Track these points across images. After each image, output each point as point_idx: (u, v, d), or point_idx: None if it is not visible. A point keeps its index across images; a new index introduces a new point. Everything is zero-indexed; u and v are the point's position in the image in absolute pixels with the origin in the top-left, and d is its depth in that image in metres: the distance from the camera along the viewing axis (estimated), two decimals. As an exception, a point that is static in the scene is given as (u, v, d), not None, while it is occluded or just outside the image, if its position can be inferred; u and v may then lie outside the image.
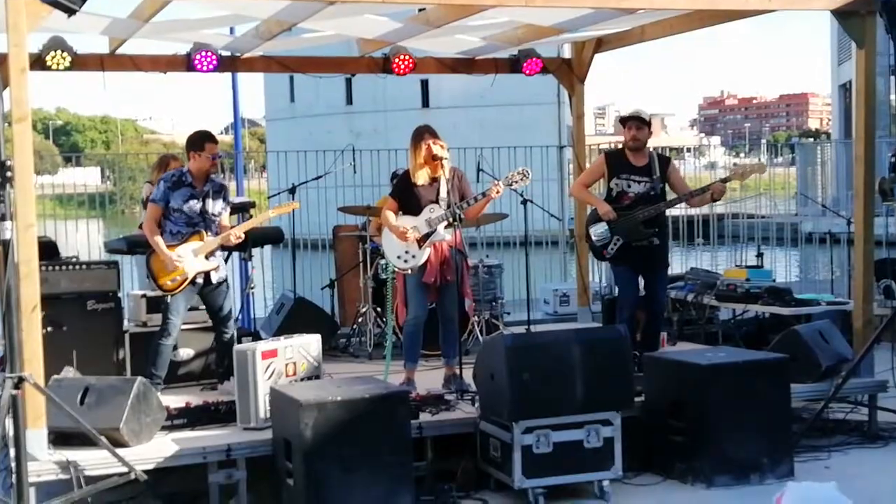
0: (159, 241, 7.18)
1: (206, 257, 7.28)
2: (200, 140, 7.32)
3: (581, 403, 5.98)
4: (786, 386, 6.43)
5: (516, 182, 7.26)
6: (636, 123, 7.75)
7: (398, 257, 7.28)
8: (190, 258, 7.21)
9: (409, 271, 7.25)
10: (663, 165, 7.81)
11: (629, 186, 7.72)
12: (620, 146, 8.00)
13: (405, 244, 7.21)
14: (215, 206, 7.34)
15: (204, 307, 7.54)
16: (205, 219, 7.29)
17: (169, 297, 7.24)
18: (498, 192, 7.18)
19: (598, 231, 7.75)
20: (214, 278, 7.35)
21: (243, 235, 7.41)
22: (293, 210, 8.11)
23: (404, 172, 7.45)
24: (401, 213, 7.32)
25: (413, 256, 7.22)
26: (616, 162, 7.80)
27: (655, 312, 7.86)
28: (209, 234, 7.30)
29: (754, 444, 6.22)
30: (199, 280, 7.29)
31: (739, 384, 6.24)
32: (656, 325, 7.91)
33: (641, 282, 7.90)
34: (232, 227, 7.42)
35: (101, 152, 69.57)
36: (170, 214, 7.23)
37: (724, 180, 7.94)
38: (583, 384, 5.98)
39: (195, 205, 7.24)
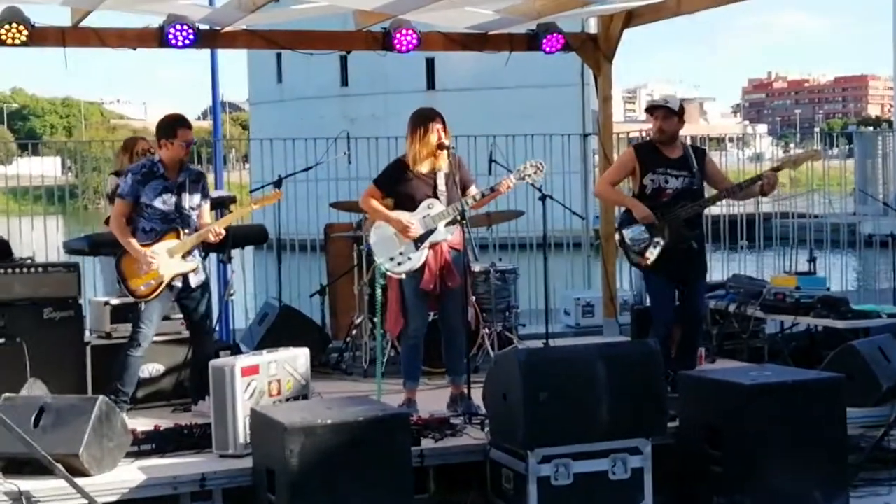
0: (131, 241, 7.17)
1: (184, 257, 7.27)
2: (172, 125, 7.31)
3: (606, 429, 5.96)
4: (841, 410, 6.38)
5: (529, 176, 7.25)
6: (663, 112, 7.70)
7: (391, 259, 7.24)
8: (165, 259, 7.20)
9: (403, 275, 7.22)
10: (699, 157, 7.79)
11: (667, 182, 7.66)
12: (651, 139, 7.98)
13: (400, 244, 7.18)
14: (192, 199, 7.33)
15: (178, 316, 7.54)
16: (181, 214, 7.28)
17: (142, 303, 7.23)
18: (508, 188, 7.17)
19: (635, 234, 7.67)
20: (193, 282, 7.35)
21: (224, 232, 7.38)
22: (278, 202, 8.11)
23: (397, 160, 7.41)
24: (392, 208, 7.29)
25: (409, 259, 7.20)
26: (649, 155, 7.74)
27: (693, 325, 7.83)
28: (187, 231, 7.29)
29: (804, 477, 6.18)
30: (177, 284, 7.28)
31: (787, 407, 6.20)
32: (694, 339, 7.88)
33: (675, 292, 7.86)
34: (206, 227, 7.40)
35: (62, 139, 69.72)
36: (141, 211, 7.22)
37: (776, 169, 7.88)
38: (608, 407, 5.96)
39: (169, 198, 7.23)
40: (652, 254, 7.58)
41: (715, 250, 14.09)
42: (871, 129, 50.28)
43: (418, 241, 7.17)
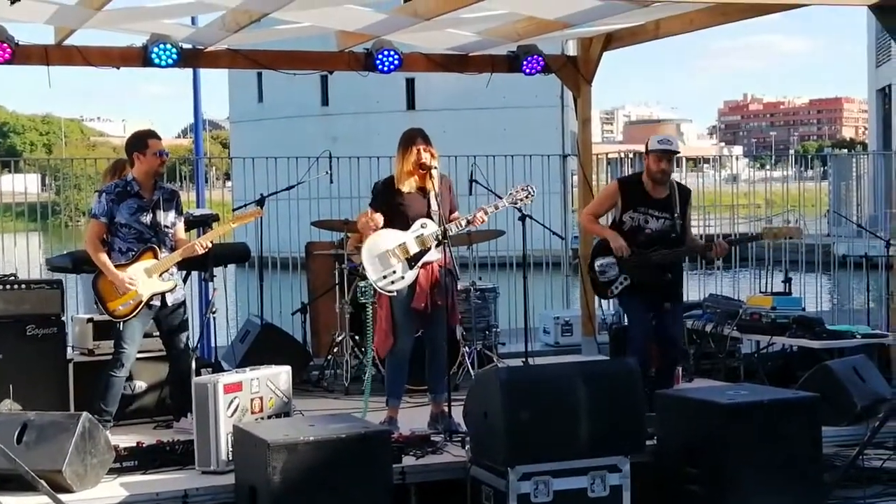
0: (106, 262, 7.15)
1: (161, 276, 7.26)
2: (142, 138, 7.29)
3: (585, 447, 5.99)
4: (816, 429, 6.43)
5: (521, 201, 7.37)
6: (670, 156, 7.69)
7: (383, 277, 7.22)
8: (143, 279, 7.19)
9: (396, 294, 7.24)
10: (683, 200, 7.80)
11: (647, 222, 7.71)
12: (638, 173, 8.02)
13: (396, 262, 7.19)
14: (167, 217, 7.32)
15: (157, 333, 7.53)
16: (157, 232, 7.27)
17: (121, 323, 7.21)
18: (482, 221, 7.25)
19: (605, 264, 7.76)
20: (170, 300, 7.34)
21: (211, 245, 7.40)
22: (258, 219, 8.09)
23: (386, 179, 7.45)
24: (382, 227, 7.27)
25: (402, 277, 7.20)
26: (632, 191, 7.75)
27: (670, 348, 7.89)
28: (163, 249, 7.28)
29: (780, 495, 6.21)
30: (155, 302, 7.27)
31: (764, 426, 6.24)
32: (672, 358, 7.94)
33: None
34: (192, 241, 7.40)
35: (43, 156, 69.48)
36: (117, 230, 7.20)
37: (753, 237, 7.99)
38: (587, 425, 5.99)
39: (145, 217, 7.21)
40: (616, 288, 7.73)
41: (692, 270, 14.16)
42: (845, 151, 50.57)
43: (412, 261, 7.18)
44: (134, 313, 7.19)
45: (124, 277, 7.10)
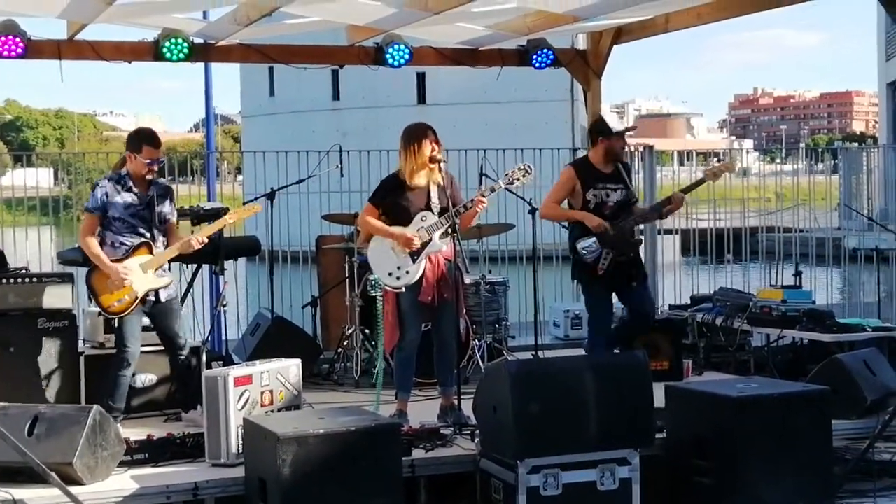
0: (101, 255, 7.07)
1: (156, 272, 7.20)
2: (138, 140, 7.18)
3: (595, 440, 5.98)
4: (826, 422, 6.41)
5: (518, 180, 7.29)
6: (625, 137, 8.19)
7: (389, 274, 7.22)
8: (138, 274, 7.12)
9: (403, 289, 7.23)
10: (627, 171, 8.20)
11: (608, 196, 7.99)
12: (585, 156, 8.34)
13: (397, 258, 7.18)
14: (161, 213, 7.27)
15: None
16: (151, 227, 7.21)
17: (117, 321, 7.15)
18: (482, 203, 7.15)
19: (588, 246, 7.91)
20: (163, 296, 7.26)
21: (207, 241, 7.34)
22: (268, 213, 8.08)
23: (391, 175, 7.42)
24: (386, 223, 7.26)
25: (407, 272, 7.19)
26: (587, 171, 8.06)
27: (646, 321, 8.25)
28: (157, 244, 7.23)
29: (790, 488, 6.19)
30: (150, 298, 7.21)
31: (774, 419, 6.22)
32: (645, 328, 8.31)
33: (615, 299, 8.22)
34: (188, 237, 7.32)
35: (55, 151, 69.60)
36: (110, 224, 7.13)
37: (689, 187, 8.33)
38: (597, 418, 5.98)
39: (139, 211, 7.16)
40: (603, 265, 7.89)
41: (702, 263, 14.13)
42: (856, 145, 50.43)
43: (415, 254, 7.17)
44: (129, 310, 7.12)
45: (118, 269, 7.03)
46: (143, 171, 7.13)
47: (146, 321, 7.40)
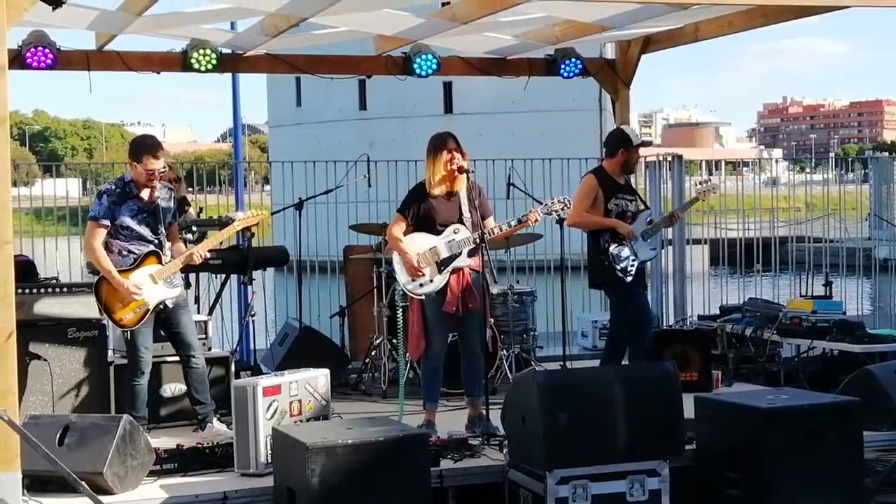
0: (111, 270, 6.99)
1: (166, 281, 7.14)
2: (139, 150, 7.08)
3: (624, 451, 5.97)
4: (857, 433, 6.38)
5: (556, 212, 7.51)
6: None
7: (413, 280, 7.28)
8: (149, 285, 7.07)
9: (424, 297, 7.25)
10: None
11: (627, 205, 8.19)
12: (600, 166, 8.35)
13: (424, 266, 7.21)
14: (167, 216, 7.23)
15: (200, 336, 7.54)
16: (158, 234, 7.16)
17: (128, 332, 7.12)
18: (536, 220, 7.32)
19: (621, 252, 8.00)
20: (170, 302, 7.23)
21: (208, 255, 7.32)
22: (297, 223, 8.06)
23: (418, 184, 7.47)
24: (413, 231, 7.31)
25: (431, 281, 7.23)
26: (607, 182, 8.20)
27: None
28: (164, 251, 7.17)
29: (821, 500, 6.17)
30: (161, 307, 7.18)
31: (804, 431, 6.20)
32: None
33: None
34: (190, 250, 7.26)
35: (84, 161, 69.99)
36: (117, 233, 7.05)
37: (692, 201, 8.89)
38: (626, 429, 5.97)
39: (145, 219, 7.10)
40: (631, 272, 8.04)
41: (731, 273, 14.08)
42: (886, 154, 50.13)
43: (442, 266, 7.21)
44: (142, 322, 7.10)
45: (129, 286, 6.98)
46: (142, 180, 7.06)
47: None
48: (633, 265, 7.98)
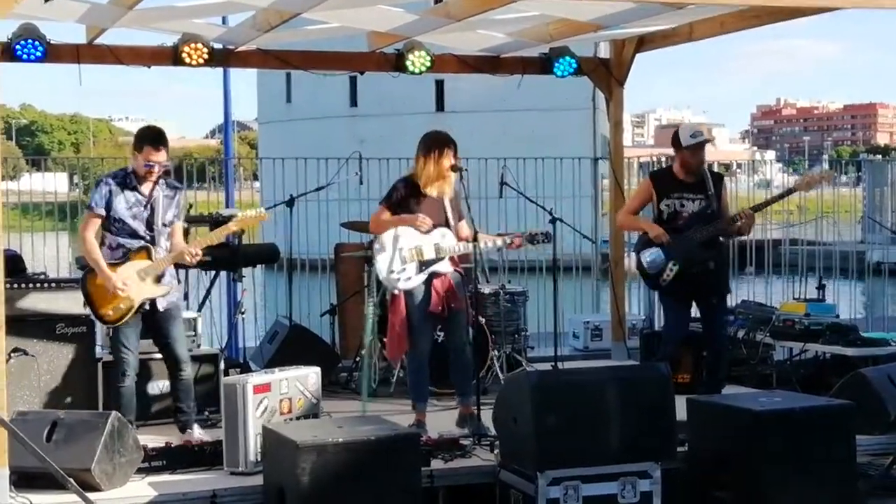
0: (100, 261, 6.88)
1: (156, 280, 7.01)
2: (141, 140, 6.99)
3: (615, 452, 5.99)
4: (850, 437, 6.41)
5: (539, 241, 7.52)
6: (703, 147, 7.98)
7: (390, 271, 7.26)
8: (135, 282, 6.91)
9: (396, 291, 7.27)
10: (717, 181, 8.00)
11: (682, 206, 7.95)
12: (668, 166, 8.22)
13: (402, 262, 7.22)
14: (166, 216, 7.05)
15: (190, 333, 7.52)
16: (153, 230, 7.00)
17: (111, 329, 7.04)
18: (519, 246, 7.47)
19: (651, 257, 7.92)
20: (161, 304, 7.05)
21: (200, 253, 7.09)
22: (287, 221, 8.04)
23: (405, 178, 7.44)
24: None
25: (408, 278, 7.26)
26: (664, 181, 8.05)
27: (714, 346, 8.13)
28: (158, 249, 7.01)
29: (812, 503, 6.20)
30: (146, 306, 7.01)
31: (796, 434, 6.23)
32: (717, 361, 8.14)
33: (695, 312, 8.12)
34: (182, 247, 7.08)
35: (71, 155, 69.83)
36: (109, 225, 6.94)
37: (785, 193, 8.35)
38: (618, 430, 6.00)
39: (140, 213, 6.97)
40: (667, 277, 7.85)
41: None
42: (879, 157, 50.24)
43: (423, 265, 7.24)
44: (124, 319, 6.95)
45: (115, 281, 6.84)
46: (141, 171, 6.95)
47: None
48: (669, 272, 7.81)
